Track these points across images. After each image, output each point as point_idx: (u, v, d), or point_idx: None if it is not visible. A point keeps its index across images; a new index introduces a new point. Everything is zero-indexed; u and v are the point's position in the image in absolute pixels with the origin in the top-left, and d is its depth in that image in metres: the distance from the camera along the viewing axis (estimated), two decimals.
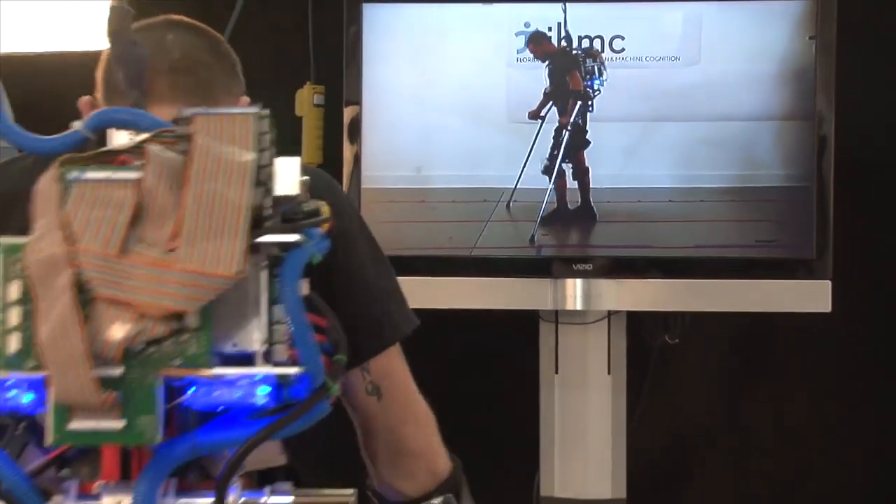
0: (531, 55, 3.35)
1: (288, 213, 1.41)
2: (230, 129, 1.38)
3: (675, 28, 3.30)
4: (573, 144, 3.31)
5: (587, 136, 3.32)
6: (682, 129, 3.31)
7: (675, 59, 3.30)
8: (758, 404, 3.80)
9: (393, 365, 1.84)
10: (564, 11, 3.37)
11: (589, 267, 3.32)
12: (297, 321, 1.33)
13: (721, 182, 3.30)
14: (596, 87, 3.34)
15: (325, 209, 1.39)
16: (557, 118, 3.31)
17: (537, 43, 3.36)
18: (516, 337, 3.56)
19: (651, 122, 3.31)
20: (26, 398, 1.34)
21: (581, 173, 3.33)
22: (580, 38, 3.34)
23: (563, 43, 3.33)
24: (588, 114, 3.34)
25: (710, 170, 3.32)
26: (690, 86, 3.30)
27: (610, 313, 3.40)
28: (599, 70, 3.34)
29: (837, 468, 3.74)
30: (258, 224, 1.34)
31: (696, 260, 3.31)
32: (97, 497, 1.39)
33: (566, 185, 3.31)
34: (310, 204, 1.40)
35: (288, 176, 1.39)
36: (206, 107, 1.59)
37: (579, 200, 3.31)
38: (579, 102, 3.31)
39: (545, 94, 3.33)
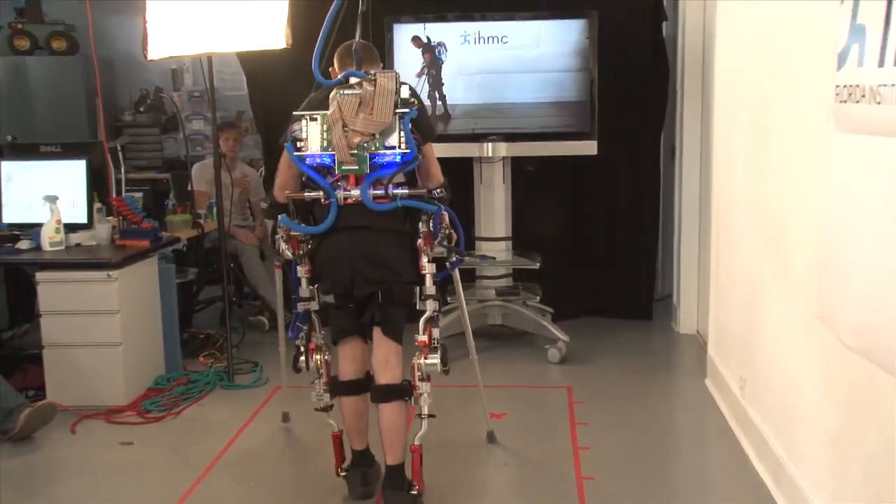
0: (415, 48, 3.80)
1: (404, 102, 2.23)
2: (389, 77, 2.43)
3: (528, 32, 3.94)
4: (436, 87, 3.87)
5: (442, 82, 3.83)
6: (532, 76, 3.92)
7: (527, 45, 3.93)
8: (572, 193, 4.34)
9: (429, 148, 2.44)
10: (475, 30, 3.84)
11: (495, 138, 4.01)
12: (408, 134, 2.24)
13: (549, 99, 3.96)
14: (443, 59, 3.82)
15: (415, 101, 2.22)
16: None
17: (414, 40, 3.88)
18: (467, 169, 4.05)
19: (517, 74, 3.92)
20: (327, 160, 2.21)
21: (442, 100, 3.89)
22: (490, 38, 3.88)
23: (426, 40, 3.87)
24: (441, 73, 3.81)
25: (544, 93, 3.94)
26: (534, 57, 3.92)
27: (504, 158, 4.07)
28: (441, 52, 3.82)
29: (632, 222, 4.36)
30: (395, 106, 2.27)
31: (541, 133, 3.95)
32: (349, 191, 2.24)
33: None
34: (411, 99, 2.19)
35: (405, 92, 2.39)
36: (372, 67, 2.33)
37: (442, 109, 3.88)
38: (426, 68, 3.85)
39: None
